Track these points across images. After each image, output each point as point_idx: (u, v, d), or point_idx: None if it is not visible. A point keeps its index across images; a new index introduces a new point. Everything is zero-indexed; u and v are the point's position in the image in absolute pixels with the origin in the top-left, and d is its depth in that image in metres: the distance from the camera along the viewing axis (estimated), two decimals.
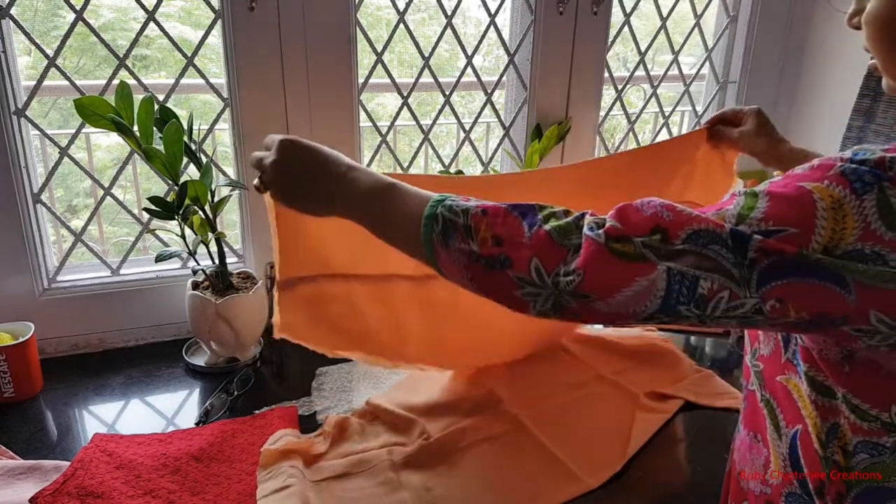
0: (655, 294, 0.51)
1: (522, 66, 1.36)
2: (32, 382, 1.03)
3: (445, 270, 0.61)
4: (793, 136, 1.63)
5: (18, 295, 1.11)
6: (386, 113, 3.97)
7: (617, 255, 0.52)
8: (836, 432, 0.56)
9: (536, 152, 1.28)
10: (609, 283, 0.52)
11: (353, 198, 0.68)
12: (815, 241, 0.47)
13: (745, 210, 0.50)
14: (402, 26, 1.25)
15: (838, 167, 0.48)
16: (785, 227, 0.48)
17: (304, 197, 0.71)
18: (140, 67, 3.88)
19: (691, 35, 1.52)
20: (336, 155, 0.71)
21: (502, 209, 0.58)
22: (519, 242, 0.56)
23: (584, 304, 0.53)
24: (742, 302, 0.50)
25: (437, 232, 0.60)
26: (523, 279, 0.55)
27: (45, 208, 1.14)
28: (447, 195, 0.62)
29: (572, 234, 0.55)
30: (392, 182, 0.66)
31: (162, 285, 1.20)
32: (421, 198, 0.63)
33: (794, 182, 0.50)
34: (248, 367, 1.13)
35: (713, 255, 0.49)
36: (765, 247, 0.48)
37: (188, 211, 1.04)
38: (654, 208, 0.53)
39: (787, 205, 0.49)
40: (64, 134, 2.28)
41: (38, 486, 0.79)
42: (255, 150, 1.16)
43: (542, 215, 0.57)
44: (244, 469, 0.87)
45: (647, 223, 0.52)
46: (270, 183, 0.72)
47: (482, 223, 0.58)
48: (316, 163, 0.70)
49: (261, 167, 0.72)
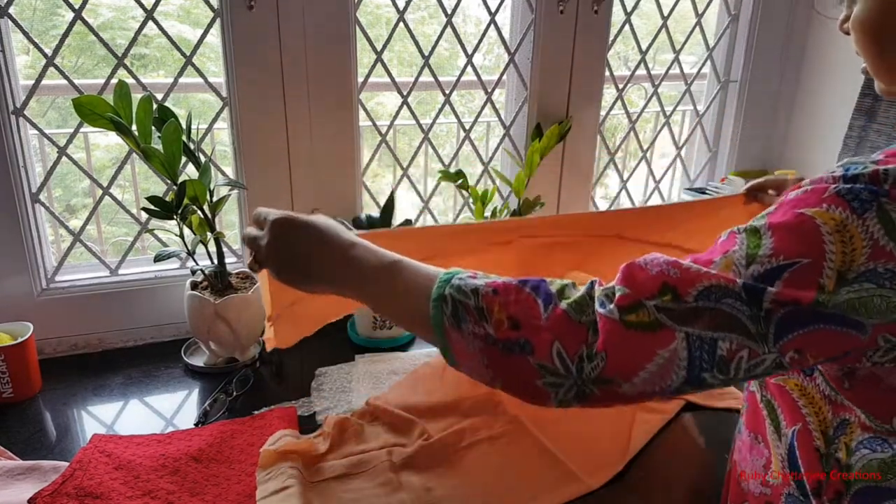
0: (679, 365, 0.50)
1: (523, 65, 1.36)
2: (31, 383, 1.03)
3: (458, 357, 0.58)
4: (794, 136, 1.64)
5: (17, 295, 1.11)
6: (386, 112, 3.96)
7: (634, 329, 0.50)
8: (844, 428, 0.56)
9: (537, 152, 1.28)
10: (631, 362, 0.50)
11: (355, 278, 0.64)
12: (827, 269, 0.46)
13: (752, 250, 0.49)
14: (402, 25, 1.25)
15: (833, 189, 0.48)
16: (796, 259, 0.47)
17: (303, 278, 0.66)
18: (139, 66, 3.88)
19: (692, 34, 1.52)
20: (335, 232, 0.66)
21: (513, 286, 0.56)
22: (537, 325, 0.53)
23: (608, 390, 0.51)
24: (762, 359, 0.49)
25: (448, 314, 0.56)
26: (545, 367, 0.52)
27: (43, 208, 1.13)
28: (454, 272, 0.59)
29: (587, 308, 0.53)
30: (395, 259, 0.63)
31: (161, 285, 1.20)
32: (427, 276, 0.60)
33: (791, 210, 0.49)
34: (248, 367, 1.12)
35: (728, 310, 0.48)
36: (780, 298, 0.47)
37: (187, 211, 1.04)
38: (659, 266, 0.52)
39: (791, 235, 0.48)
40: (62, 133, 2.28)
41: (36, 487, 0.79)
42: (253, 149, 1.17)
43: (555, 290, 0.55)
44: (243, 470, 0.86)
45: (655, 283, 0.51)
46: (266, 263, 0.68)
47: (495, 304, 0.55)
48: (314, 243, 0.65)
49: (254, 246, 0.69)
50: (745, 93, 1.56)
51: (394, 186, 1.41)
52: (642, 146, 1.58)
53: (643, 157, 1.60)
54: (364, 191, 1.32)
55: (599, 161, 1.53)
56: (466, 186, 1.29)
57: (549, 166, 1.40)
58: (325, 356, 1.17)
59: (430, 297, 0.58)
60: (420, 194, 1.42)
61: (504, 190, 1.43)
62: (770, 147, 1.65)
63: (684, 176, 1.68)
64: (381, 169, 3.75)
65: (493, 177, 1.40)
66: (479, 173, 1.44)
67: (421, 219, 1.42)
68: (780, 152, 1.67)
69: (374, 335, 1.22)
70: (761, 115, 1.61)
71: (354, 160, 1.26)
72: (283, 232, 0.66)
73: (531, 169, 1.29)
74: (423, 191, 1.43)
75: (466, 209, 1.39)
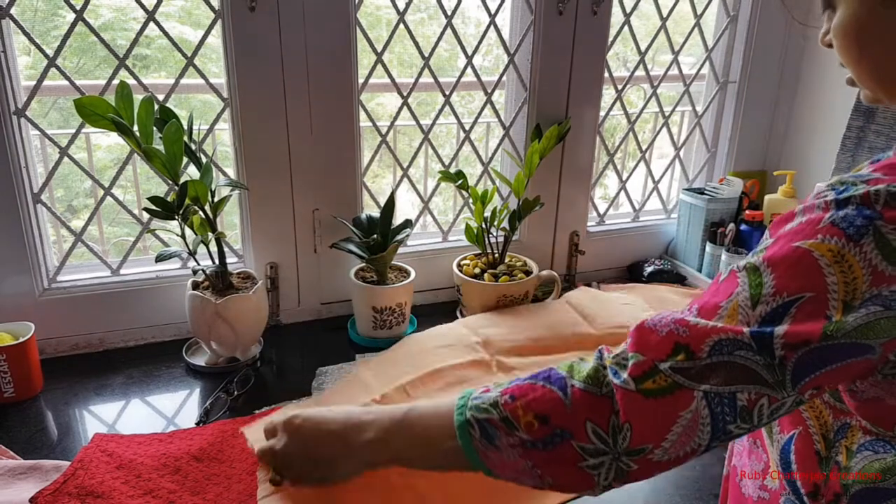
0: (703, 423, 0.50)
1: (522, 65, 1.36)
2: (33, 382, 1.03)
3: (500, 471, 0.58)
4: (793, 136, 1.64)
5: (18, 295, 1.11)
6: (386, 113, 3.96)
7: (652, 396, 0.51)
8: (845, 431, 0.56)
9: (536, 152, 1.28)
10: (656, 429, 0.51)
11: (378, 451, 0.65)
12: (832, 300, 0.46)
13: (755, 289, 0.49)
14: (402, 26, 1.25)
15: (827, 218, 0.47)
16: (799, 294, 0.47)
17: (331, 475, 0.68)
18: (140, 67, 3.88)
19: (691, 35, 1.52)
20: (346, 416, 0.67)
21: (527, 385, 0.57)
22: (564, 412, 0.54)
23: (643, 461, 0.52)
24: (782, 402, 0.49)
25: (477, 437, 0.57)
26: (585, 448, 0.53)
27: (45, 208, 1.14)
28: (465, 394, 0.60)
29: (603, 379, 0.54)
30: (404, 410, 0.64)
31: (162, 285, 1.20)
32: (443, 410, 0.60)
33: (788, 243, 0.49)
34: (248, 366, 1.13)
35: (742, 362, 0.48)
36: (789, 340, 0.47)
37: (188, 211, 1.04)
38: (668, 326, 0.52)
39: (791, 270, 0.48)
40: (64, 134, 2.28)
41: (38, 486, 0.79)
42: (254, 150, 1.17)
43: (565, 373, 0.56)
44: (244, 469, 0.86)
45: (667, 344, 0.51)
46: (289, 473, 0.69)
47: (517, 409, 0.55)
48: (331, 436, 0.66)
49: (273, 459, 0.70)
50: (744, 93, 1.57)
51: (394, 187, 1.41)
52: (641, 147, 1.58)
53: (642, 158, 1.60)
54: (364, 191, 1.32)
55: (599, 161, 1.53)
56: (466, 187, 1.30)
57: (548, 167, 1.41)
58: (326, 356, 1.17)
59: (455, 427, 0.58)
60: (420, 194, 1.43)
61: (504, 190, 1.44)
62: (768, 147, 1.66)
63: (683, 176, 1.68)
64: (381, 169, 3.75)
65: (492, 177, 1.41)
66: (479, 174, 1.44)
67: (421, 219, 1.42)
68: (778, 153, 1.67)
69: (374, 335, 1.22)
70: (760, 116, 1.61)
71: (355, 160, 1.27)
72: (298, 436, 0.68)
73: (531, 169, 1.29)
74: (423, 191, 1.43)
75: (466, 209, 1.40)
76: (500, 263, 1.34)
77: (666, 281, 1.52)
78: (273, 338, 1.24)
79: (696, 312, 0.52)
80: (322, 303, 1.33)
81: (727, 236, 1.44)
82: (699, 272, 1.50)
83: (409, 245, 1.40)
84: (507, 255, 1.35)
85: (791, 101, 1.62)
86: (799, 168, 1.58)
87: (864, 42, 0.54)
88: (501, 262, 1.34)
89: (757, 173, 1.65)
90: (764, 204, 1.50)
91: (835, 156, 1.45)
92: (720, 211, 1.48)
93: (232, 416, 0.98)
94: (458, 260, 1.35)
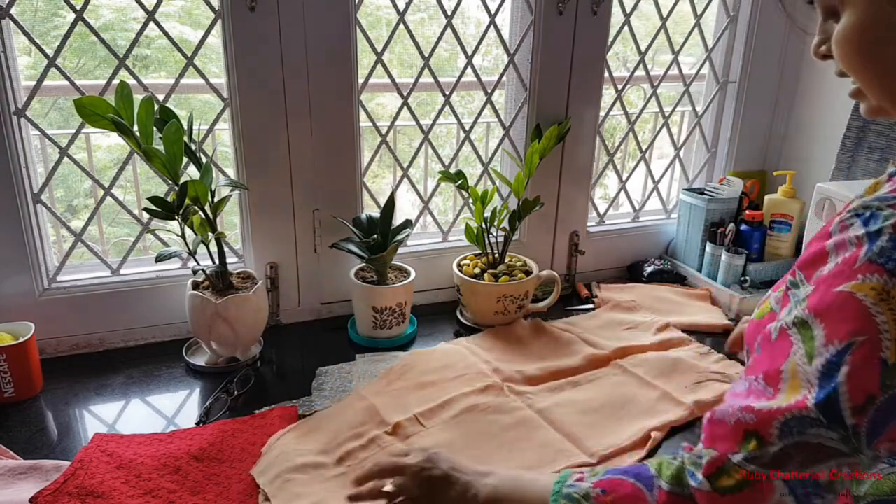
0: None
1: (522, 65, 1.36)
2: (33, 382, 1.03)
3: None
4: (793, 136, 1.64)
5: (19, 295, 1.11)
6: (386, 113, 3.96)
7: (730, 493, 0.51)
8: None
9: (536, 152, 1.28)
10: None
11: None
12: (884, 340, 0.46)
13: (808, 345, 0.49)
14: (402, 26, 1.25)
15: (864, 256, 0.47)
16: (851, 339, 0.46)
17: None
18: (140, 67, 3.88)
19: (691, 35, 1.52)
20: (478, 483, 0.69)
21: (617, 481, 0.58)
22: None
23: None
24: (860, 463, 0.49)
25: None
26: None
27: (45, 208, 1.14)
28: (561, 479, 0.62)
29: (685, 479, 0.54)
30: None
31: (162, 285, 1.20)
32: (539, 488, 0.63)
33: (829, 289, 0.48)
34: (248, 366, 1.13)
35: (815, 440, 0.48)
36: (856, 404, 0.46)
37: (188, 211, 1.04)
38: (735, 415, 0.52)
39: (837, 317, 0.47)
40: (64, 134, 2.28)
41: (38, 486, 0.79)
42: (254, 150, 1.18)
43: (654, 472, 0.57)
44: (244, 469, 0.87)
45: (736, 434, 0.51)
46: None
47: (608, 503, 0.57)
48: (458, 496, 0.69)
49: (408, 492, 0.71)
50: (744, 93, 1.57)
51: (394, 187, 1.41)
52: (641, 147, 1.58)
53: (642, 158, 1.60)
54: (364, 191, 1.32)
55: (598, 161, 1.53)
56: (466, 187, 1.30)
57: (548, 167, 1.41)
58: (326, 355, 1.18)
59: None
60: (420, 194, 1.43)
61: (504, 190, 1.44)
62: (768, 147, 1.66)
63: (683, 176, 1.68)
64: (381, 169, 3.75)
65: (492, 177, 1.41)
66: (479, 174, 1.44)
67: (421, 219, 1.42)
68: (778, 153, 1.67)
69: (375, 335, 1.23)
70: (760, 116, 1.61)
71: (355, 160, 1.27)
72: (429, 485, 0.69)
73: (531, 169, 1.29)
74: (423, 191, 1.43)
75: (466, 209, 1.40)
76: (500, 263, 1.34)
77: (666, 281, 1.52)
78: (273, 338, 1.24)
79: (763, 383, 0.51)
80: (322, 303, 1.33)
81: (727, 236, 1.44)
82: (699, 272, 1.51)
83: (409, 245, 1.40)
84: (507, 255, 1.35)
85: (791, 101, 1.62)
86: (799, 168, 1.58)
87: (872, 47, 0.51)
88: (501, 262, 1.34)
89: (757, 173, 1.65)
90: (764, 204, 1.50)
91: (835, 156, 1.45)
92: (720, 211, 1.48)
93: (232, 416, 0.98)
94: (458, 260, 1.35)
